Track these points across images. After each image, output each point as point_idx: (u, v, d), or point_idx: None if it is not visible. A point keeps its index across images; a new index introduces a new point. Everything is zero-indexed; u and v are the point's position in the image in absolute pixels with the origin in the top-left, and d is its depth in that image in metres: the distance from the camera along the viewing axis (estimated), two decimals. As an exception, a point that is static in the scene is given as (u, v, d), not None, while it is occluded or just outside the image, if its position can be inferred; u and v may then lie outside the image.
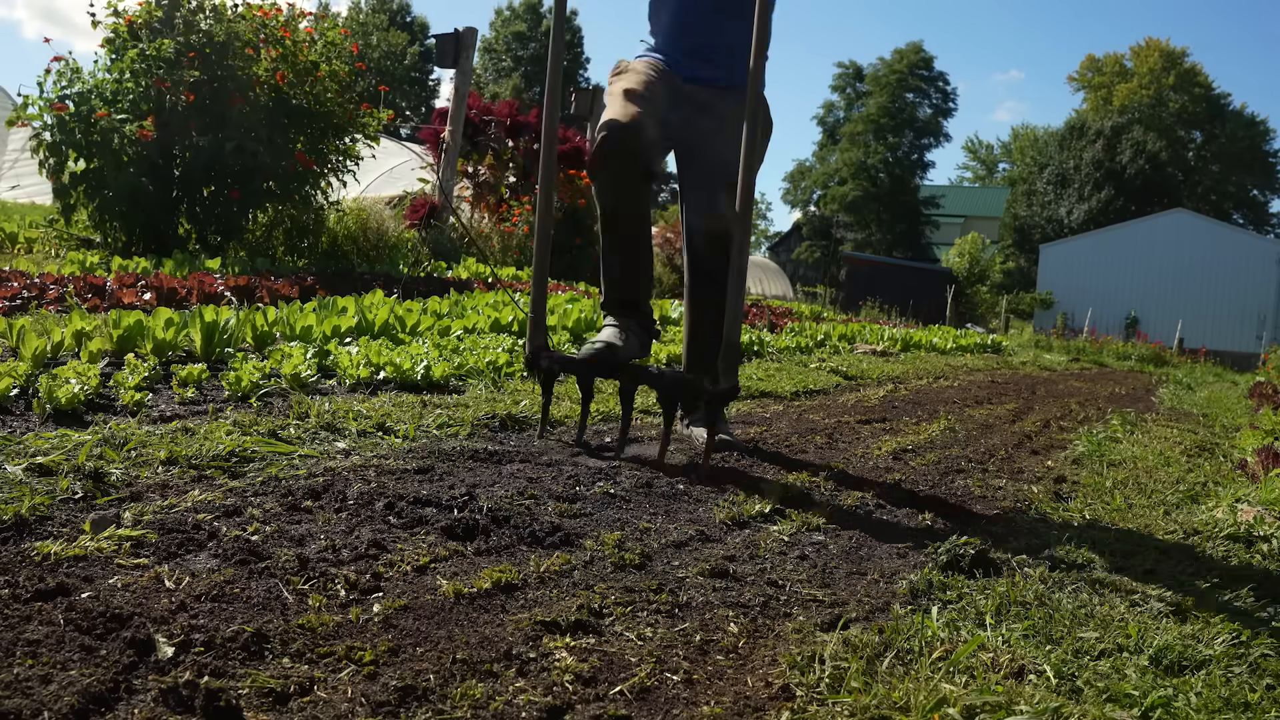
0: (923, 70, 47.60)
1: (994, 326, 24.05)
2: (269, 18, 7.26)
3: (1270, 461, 3.32)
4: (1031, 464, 3.38)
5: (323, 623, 1.34)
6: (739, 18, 2.83)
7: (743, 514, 2.19)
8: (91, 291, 4.44)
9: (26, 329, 2.95)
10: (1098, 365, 12.05)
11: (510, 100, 13.24)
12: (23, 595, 1.31)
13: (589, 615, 1.49)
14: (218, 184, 6.92)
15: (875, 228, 46.61)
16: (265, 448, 2.22)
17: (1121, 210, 38.36)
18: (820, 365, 6.04)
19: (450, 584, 1.54)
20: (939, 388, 5.86)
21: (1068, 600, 1.77)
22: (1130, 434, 4.41)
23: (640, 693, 1.27)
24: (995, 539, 2.18)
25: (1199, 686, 1.42)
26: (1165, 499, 2.89)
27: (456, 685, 1.22)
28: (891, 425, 3.92)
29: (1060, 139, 43.62)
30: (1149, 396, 7.37)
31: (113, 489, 1.82)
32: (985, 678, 1.37)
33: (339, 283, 6.03)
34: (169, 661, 1.19)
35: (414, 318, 4.62)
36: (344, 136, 7.61)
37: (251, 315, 3.83)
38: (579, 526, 1.95)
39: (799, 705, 1.26)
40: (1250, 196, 48.21)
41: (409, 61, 49.46)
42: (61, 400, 2.36)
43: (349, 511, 1.86)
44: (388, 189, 13.18)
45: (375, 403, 2.93)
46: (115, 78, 6.74)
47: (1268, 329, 26.12)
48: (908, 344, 9.01)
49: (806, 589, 1.74)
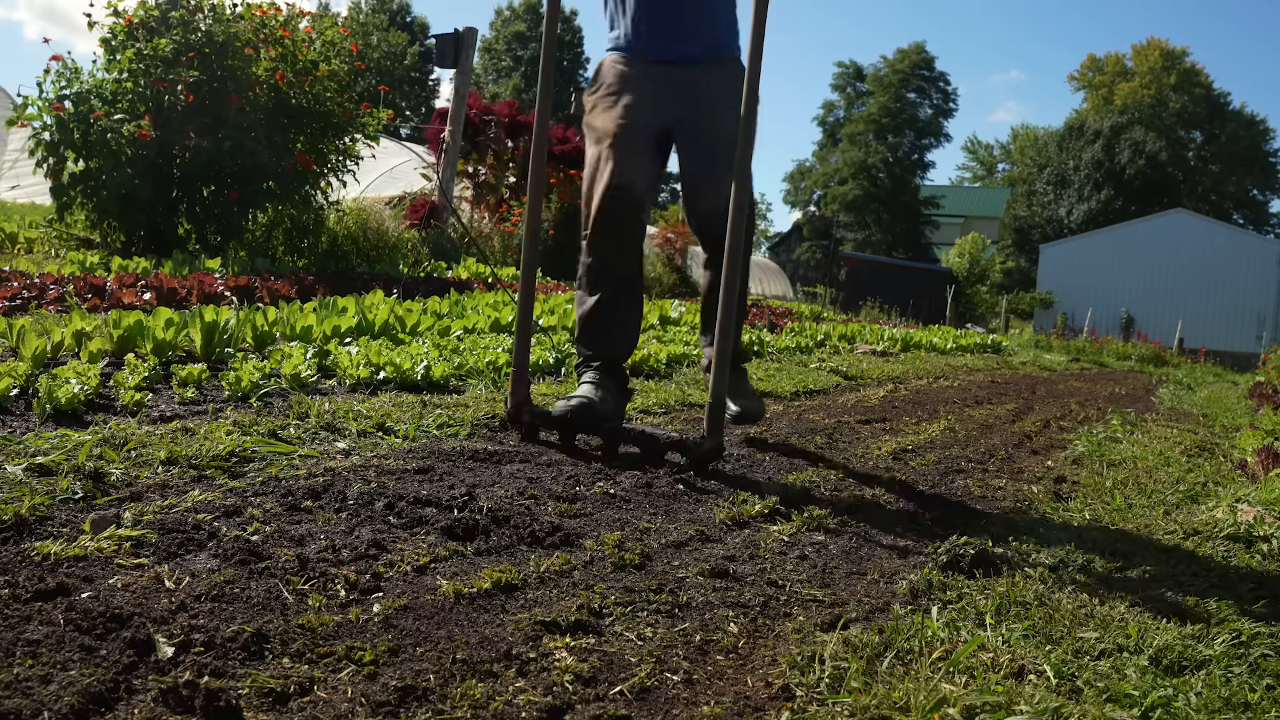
0: (924, 70, 47.65)
1: (994, 326, 24.05)
2: (268, 17, 7.26)
3: (1270, 461, 3.32)
4: (1031, 464, 3.38)
5: (323, 623, 1.34)
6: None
7: (743, 514, 2.19)
8: (91, 291, 4.44)
9: (26, 329, 2.95)
10: (1097, 365, 12.06)
11: (510, 100, 13.25)
12: (23, 595, 1.31)
13: (589, 615, 1.49)
14: (217, 184, 6.92)
15: (875, 228, 46.65)
16: (265, 448, 2.22)
17: (1121, 210, 38.39)
18: (820, 365, 6.04)
19: (450, 584, 1.54)
20: (939, 388, 5.86)
21: (1068, 600, 1.77)
22: (1130, 434, 4.41)
23: (640, 693, 1.27)
24: (995, 539, 2.18)
25: (1199, 686, 1.42)
26: (1165, 499, 2.89)
27: (456, 685, 1.22)
28: (891, 425, 3.92)
29: (1060, 139, 43.66)
30: (1149, 396, 7.37)
31: (113, 489, 1.82)
32: (985, 678, 1.37)
33: (339, 283, 6.03)
34: (169, 661, 1.19)
35: (414, 318, 4.61)
36: (344, 136, 7.61)
37: (251, 315, 3.83)
38: (579, 526, 1.95)
39: (799, 705, 1.26)
40: (1250, 196, 48.23)
41: (409, 61, 49.45)
42: (61, 400, 2.36)
43: (349, 511, 1.86)
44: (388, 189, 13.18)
45: (375, 403, 2.93)
46: (114, 78, 6.74)
47: (1268, 329, 26.12)
48: (908, 344, 9.01)
49: (806, 589, 1.74)
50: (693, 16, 2.82)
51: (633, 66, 2.84)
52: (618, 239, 2.82)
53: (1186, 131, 46.99)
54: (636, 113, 2.79)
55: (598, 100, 2.87)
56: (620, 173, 2.75)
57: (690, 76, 2.83)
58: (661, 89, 2.82)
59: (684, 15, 2.82)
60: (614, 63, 2.88)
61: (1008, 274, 34.11)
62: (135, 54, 6.68)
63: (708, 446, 2.51)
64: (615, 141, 2.77)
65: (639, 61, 2.85)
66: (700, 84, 2.84)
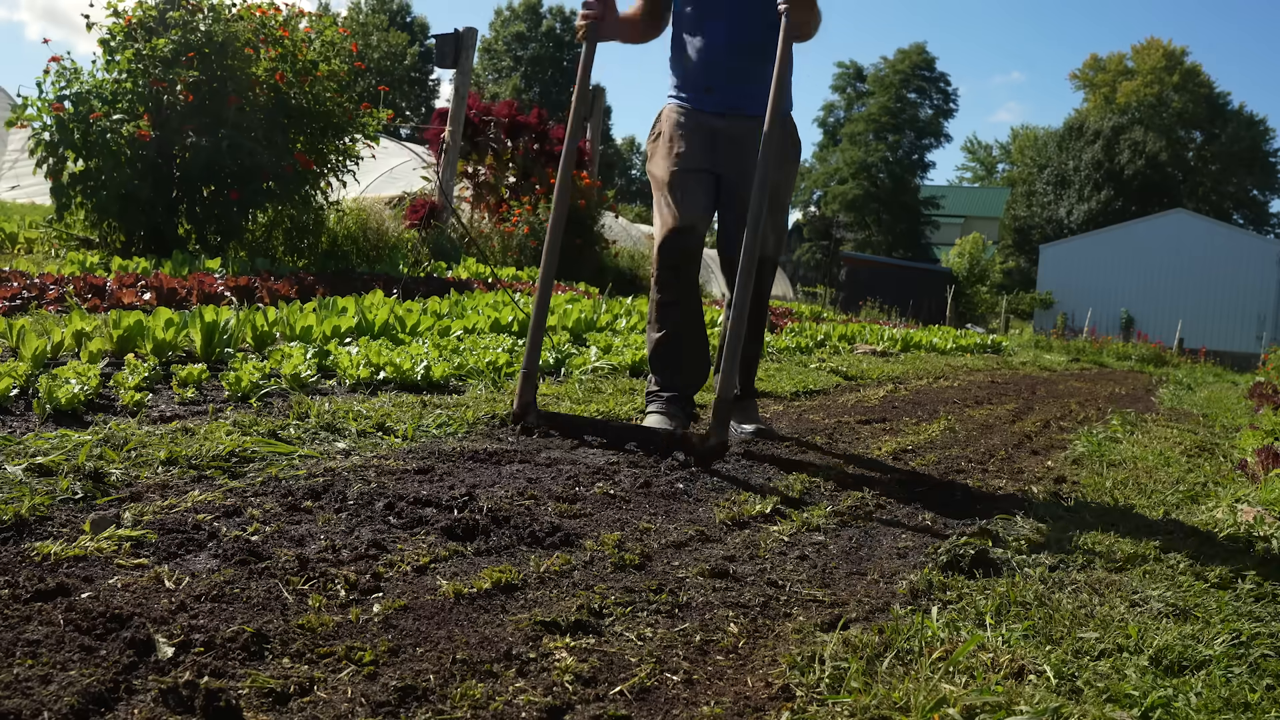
0: (924, 71, 47.62)
1: (994, 327, 24.04)
2: (268, 17, 7.25)
3: (1270, 461, 3.32)
4: (1031, 464, 3.38)
5: (323, 623, 1.34)
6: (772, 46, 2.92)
7: (743, 514, 2.19)
8: (91, 291, 4.44)
9: (26, 329, 2.95)
10: (1097, 365, 12.05)
11: (510, 100, 13.24)
12: (23, 595, 1.31)
13: (589, 615, 1.49)
14: (217, 184, 6.92)
15: (875, 228, 46.63)
16: (265, 448, 2.22)
17: (1121, 210, 38.38)
18: (820, 365, 6.04)
19: (450, 584, 1.54)
20: (939, 388, 5.86)
21: (1068, 600, 1.77)
22: (1130, 434, 4.41)
23: (640, 693, 1.27)
24: (995, 539, 2.18)
25: (1199, 686, 1.41)
26: (1165, 499, 2.89)
27: (456, 685, 1.22)
28: (891, 425, 3.92)
29: (1060, 139, 43.66)
30: (1149, 397, 7.37)
31: (113, 489, 1.82)
32: (985, 678, 1.37)
33: (339, 283, 6.03)
34: (169, 662, 1.19)
35: (414, 318, 4.61)
36: (344, 136, 7.60)
37: (251, 315, 3.83)
38: (579, 526, 1.95)
39: (799, 705, 1.26)
40: (1250, 196, 48.21)
41: (409, 62, 49.44)
42: (61, 400, 2.36)
43: (349, 512, 1.86)
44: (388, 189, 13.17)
45: (375, 403, 2.93)
46: (114, 78, 6.73)
47: (1268, 329, 26.11)
48: (907, 344, 9.01)
49: (806, 589, 1.74)
50: (749, 76, 3.02)
51: (690, 116, 3.08)
52: (680, 276, 3.04)
53: (1186, 131, 46.97)
54: (691, 160, 3.03)
55: (658, 147, 3.11)
56: (681, 216, 2.99)
57: (741, 130, 3.03)
58: (714, 138, 3.05)
59: (741, 74, 3.03)
60: (672, 111, 3.13)
61: (1008, 274, 34.10)
62: (134, 54, 6.68)
63: (713, 442, 2.59)
64: (675, 187, 3.02)
65: (697, 112, 3.07)
66: (749, 138, 3.00)
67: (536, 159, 12.04)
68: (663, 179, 3.04)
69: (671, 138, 3.06)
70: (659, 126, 3.15)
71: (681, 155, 3.03)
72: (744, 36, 3.01)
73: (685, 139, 3.05)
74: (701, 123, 3.06)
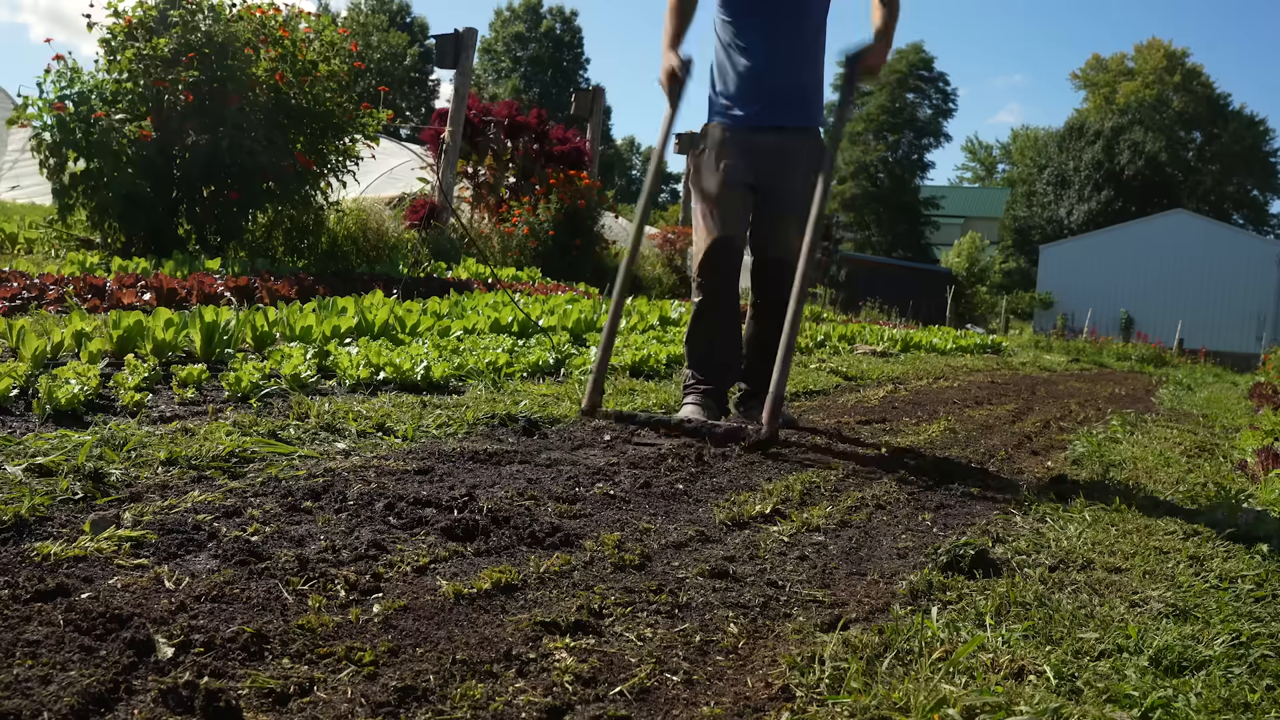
0: (923, 70, 47.61)
1: (994, 327, 24.05)
2: (268, 17, 7.25)
3: (1270, 462, 3.32)
4: (1031, 464, 3.38)
5: (322, 623, 1.34)
6: (809, 61, 3.30)
7: (743, 514, 2.19)
8: (91, 292, 4.44)
9: (26, 329, 2.95)
10: (1097, 366, 12.05)
11: (510, 101, 13.25)
12: (23, 595, 1.31)
13: (589, 616, 1.49)
14: (217, 184, 6.91)
15: (875, 228, 46.60)
16: (265, 448, 2.22)
17: (1121, 211, 38.36)
18: (820, 366, 6.04)
19: (450, 584, 1.54)
20: (939, 388, 5.86)
21: (1068, 600, 1.77)
22: (1130, 434, 4.41)
23: (640, 693, 1.27)
24: (995, 539, 2.18)
25: (1199, 687, 1.41)
26: (1165, 499, 2.89)
27: (456, 685, 1.22)
28: (891, 426, 3.92)
29: (1060, 140, 43.64)
30: (1149, 397, 7.36)
31: (112, 489, 1.82)
32: (985, 678, 1.37)
33: (339, 283, 6.03)
34: (169, 662, 1.19)
35: (414, 318, 4.61)
36: (344, 136, 7.60)
37: (251, 316, 3.83)
38: (579, 527, 1.95)
39: (799, 706, 1.26)
40: (1250, 196, 48.20)
41: (409, 62, 49.40)
42: (61, 401, 2.36)
43: (349, 512, 1.86)
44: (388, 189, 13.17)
45: (375, 403, 2.93)
46: (114, 78, 6.73)
47: (1268, 329, 26.10)
48: (907, 345, 9.01)
49: (806, 589, 1.74)
50: (788, 93, 3.30)
51: (733, 134, 3.35)
52: (721, 280, 3.39)
53: (1186, 132, 46.95)
54: (734, 174, 3.32)
55: (703, 162, 3.41)
56: (724, 227, 3.33)
57: (778, 143, 3.32)
58: (753, 152, 3.32)
59: (780, 92, 3.30)
60: (716, 127, 3.40)
61: (1007, 274, 34.10)
62: (135, 54, 6.68)
63: (765, 433, 2.92)
64: (719, 200, 3.33)
65: (739, 129, 3.34)
66: (786, 150, 3.32)
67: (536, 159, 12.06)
68: (711, 193, 3.35)
69: (719, 155, 3.34)
70: (705, 142, 3.44)
71: (727, 169, 3.32)
72: (784, 57, 3.27)
73: (729, 155, 3.32)
74: (743, 139, 3.33)
